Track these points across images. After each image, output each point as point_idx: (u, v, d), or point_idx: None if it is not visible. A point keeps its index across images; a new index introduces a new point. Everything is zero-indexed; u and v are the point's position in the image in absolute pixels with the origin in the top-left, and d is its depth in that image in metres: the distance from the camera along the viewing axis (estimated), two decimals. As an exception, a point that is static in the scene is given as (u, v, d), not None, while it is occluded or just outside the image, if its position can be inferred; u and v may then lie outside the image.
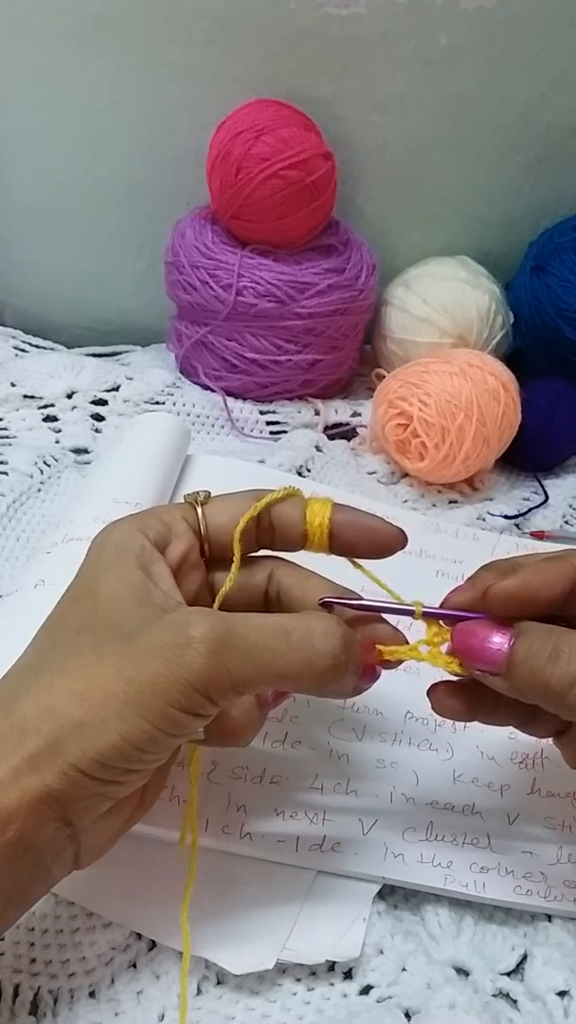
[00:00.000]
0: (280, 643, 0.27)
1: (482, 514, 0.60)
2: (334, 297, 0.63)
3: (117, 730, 0.26)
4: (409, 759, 0.40)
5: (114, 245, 0.73)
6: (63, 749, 0.26)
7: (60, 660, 0.28)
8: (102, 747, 0.26)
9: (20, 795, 0.26)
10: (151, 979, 0.33)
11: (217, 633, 0.26)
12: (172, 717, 0.26)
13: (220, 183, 0.60)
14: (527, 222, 0.72)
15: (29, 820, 0.26)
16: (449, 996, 0.33)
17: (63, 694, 0.27)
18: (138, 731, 0.26)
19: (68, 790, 0.26)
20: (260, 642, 0.27)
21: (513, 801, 0.39)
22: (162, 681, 0.26)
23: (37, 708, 0.27)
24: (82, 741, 0.26)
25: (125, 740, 0.26)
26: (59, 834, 0.27)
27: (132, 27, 0.61)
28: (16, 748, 0.26)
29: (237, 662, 0.26)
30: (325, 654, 0.27)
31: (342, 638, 0.28)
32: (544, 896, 0.36)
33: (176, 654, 0.26)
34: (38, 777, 0.26)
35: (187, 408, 0.66)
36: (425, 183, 0.71)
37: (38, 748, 0.26)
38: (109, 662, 0.27)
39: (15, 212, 0.70)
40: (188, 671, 0.26)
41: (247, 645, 0.27)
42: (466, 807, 0.38)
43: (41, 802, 0.26)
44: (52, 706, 0.26)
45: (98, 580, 0.30)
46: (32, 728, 0.26)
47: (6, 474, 0.56)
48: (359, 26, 0.61)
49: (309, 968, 0.34)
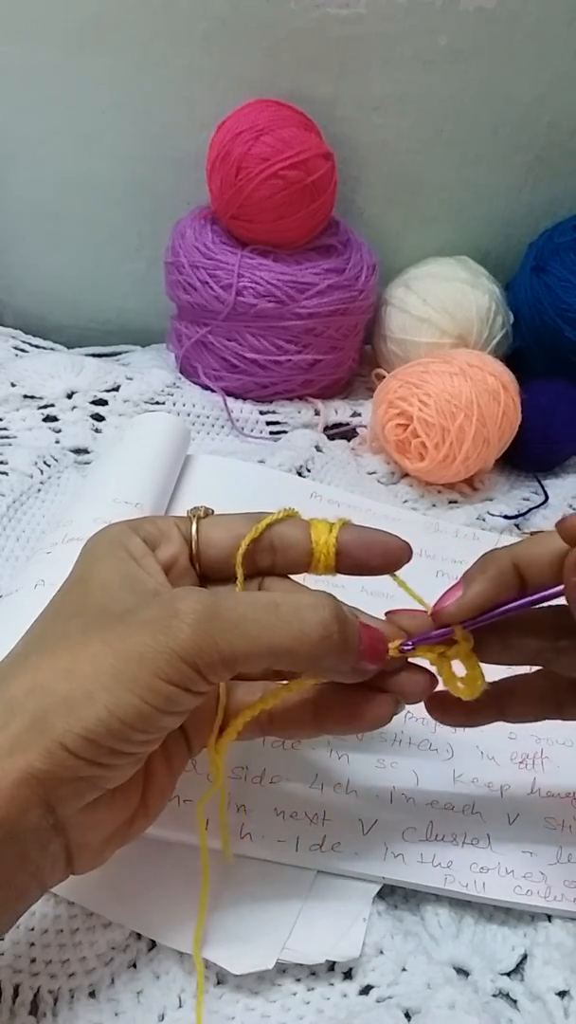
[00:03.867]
0: (269, 615, 0.27)
1: (482, 514, 0.60)
2: (334, 297, 0.63)
3: (104, 703, 0.25)
4: (409, 759, 0.40)
5: (114, 245, 0.73)
6: (48, 725, 0.25)
7: (50, 643, 0.28)
8: (88, 721, 0.25)
9: (2, 774, 0.25)
10: (151, 979, 0.33)
11: (204, 605, 0.26)
12: (160, 690, 0.25)
13: (220, 183, 0.60)
14: (527, 222, 0.72)
15: (11, 805, 0.25)
16: (449, 996, 0.33)
17: (49, 672, 0.26)
18: (126, 704, 0.25)
19: (52, 770, 0.25)
20: (248, 614, 0.26)
21: (513, 801, 0.39)
22: (149, 652, 0.25)
23: (23, 687, 0.26)
24: (68, 716, 0.25)
25: (112, 714, 0.25)
26: (42, 823, 0.26)
27: (132, 28, 0.61)
28: (1, 729, 0.25)
29: (225, 634, 0.26)
30: (315, 624, 0.27)
31: (333, 609, 0.28)
32: (544, 896, 0.36)
33: (163, 625, 0.26)
34: (21, 757, 0.25)
35: (187, 408, 0.66)
36: (425, 183, 0.71)
37: (23, 726, 0.25)
38: (96, 638, 0.26)
39: (15, 212, 0.70)
40: (175, 640, 0.25)
41: (234, 616, 0.26)
42: (466, 807, 0.38)
43: (24, 784, 0.25)
44: (38, 684, 0.26)
45: (89, 570, 0.30)
46: (18, 706, 0.26)
47: (6, 474, 0.56)
48: (359, 26, 0.61)
49: (309, 968, 0.34)
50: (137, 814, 0.30)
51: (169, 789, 0.31)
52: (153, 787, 0.30)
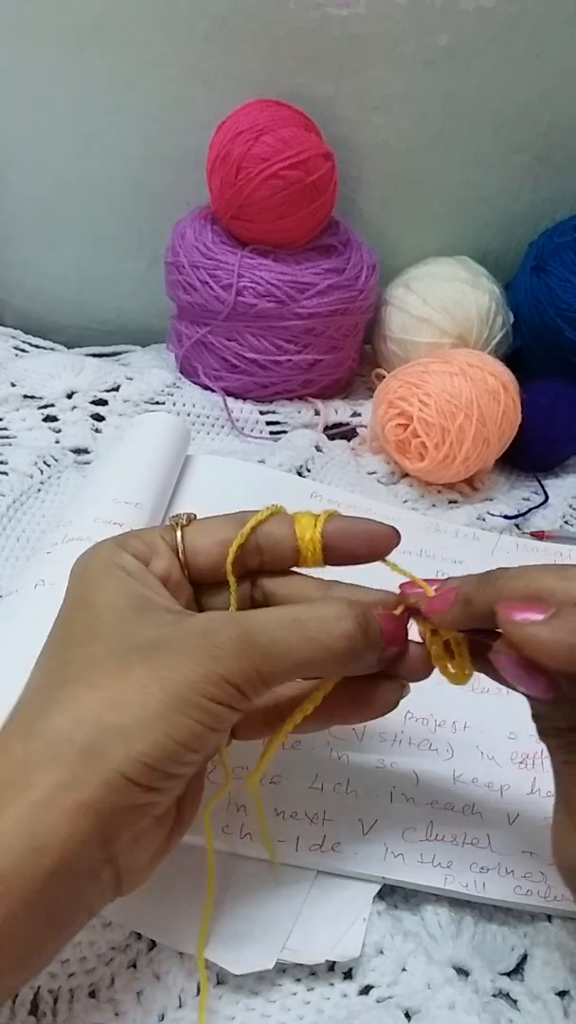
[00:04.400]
0: (296, 635, 0.28)
1: (482, 514, 0.60)
2: (334, 297, 0.63)
3: (161, 729, 0.26)
4: (409, 759, 0.40)
5: (114, 245, 0.73)
6: (105, 757, 0.25)
7: (80, 673, 0.27)
8: (147, 747, 0.25)
9: (59, 815, 0.24)
10: (151, 979, 0.33)
11: (239, 635, 0.27)
12: (211, 709, 0.26)
13: (220, 183, 0.60)
14: (527, 222, 0.72)
15: (70, 840, 0.24)
16: (449, 996, 0.33)
17: (95, 703, 0.26)
18: (181, 727, 0.26)
19: (112, 800, 0.25)
20: (279, 637, 0.27)
21: (513, 801, 0.39)
22: (199, 678, 0.26)
23: (67, 721, 0.26)
24: (126, 745, 0.25)
25: (169, 737, 0.26)
26: (97, 855, 0.26)
27: (132, 27, 0.61)
28: (50, 766, 0.25)
29: (262, 660, 0.27)
30: (339, 637, 0.28)
31: (355, 619, 0.28)
32: (544, 896, 0.36)
33: (208, 655, 0.27)
34: (77, 792, 0.25)
35: (187, 408, 0.66)
36: (425, 183, 0.71)
37: (76, 760, 0.25)
38: (137, 668, 0.26)
39: (15, 212, 0.70)
40: (222, 667, 0.26)
41: (267, 642, 0.27)
42: (466, 807, 0.38)
43: (82, 818, 0.25)
44: (85, 717, 0.26)
45: (91, 594, 0.29)
46: (65, 740, 0.25)
47: (6, 474, 0.56)
48: (359, 26, 0.61)
49: (309, 968, 0.34)
50: (174, 825, 0.30)
51: (200, 794, 0.32)
52: (187, 796, 0.30)
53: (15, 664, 0.37)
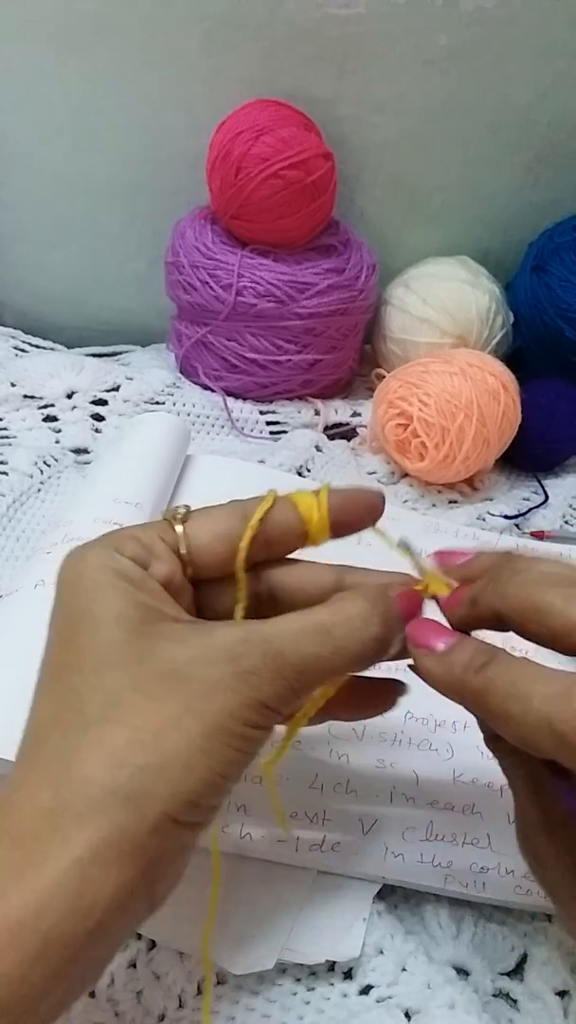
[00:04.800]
0: (326, 647, 0.27)
1: (482, 514, 0.60)
2: (334, 297, 0.63)
3: (205, 764, 0.25)
4: (409, 759, 0.40)
5: (114, 245, 0.73)
6: (150, 802, 0.23)
7: (102, 710, 0.25)
8: (193, 785, 0.24)
9: (106, 870, 0.23)
10: (151, 979, 0.33)
11: (272, 657, 0.26)
12: (251, 736, 0.26)
13: (220, 183, 0.60)
14: (527, 222, 0.72)
15: (117, 895, 0.23)
16: (449, 996, 0.33)
17: (129, 746, 0.24)
18: (223, 758, 0.25)
19: (159, 845, 0.24)
20: (309, 652, 0.27)
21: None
22: (237, 708, 0.25)
23: (102, 768, 0.24)
24: (169, 787, 0.24)
25: (214, 771, 0.25)
26: (142, 902, 0.24)
27: (132, 27, 0.61)
28: (90, 818, 0.23)
29: (296, 678, 0.26)
30: (367, 641, 0.27)
31: (381, 617, 0.28)
32: (544, 896, 0.36)
33: (242, 682, 0.26)
34: (125, 841, 0.23)
35: (187, 408, 0.66)
36: (425, 183, 0.71)
37: (119, 811, 0.23)
38: (168, 700, 0.25)
39: (15, 212, 0.70)
40: (260, 693, 0.26)
41: (299, 660, 0.26)
42: (466, 807, 0.38)
43: (130, 868, 0.23)
44: (120, 762, 0.24)
45: (90, 608, 0.27)
46: (102, 791, 0.23)
47: (6, 474, 0.56)
48: (359, 26, 0.61)
49: (309, 968, 0.34)
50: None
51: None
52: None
53: (15, 664, 0.37)
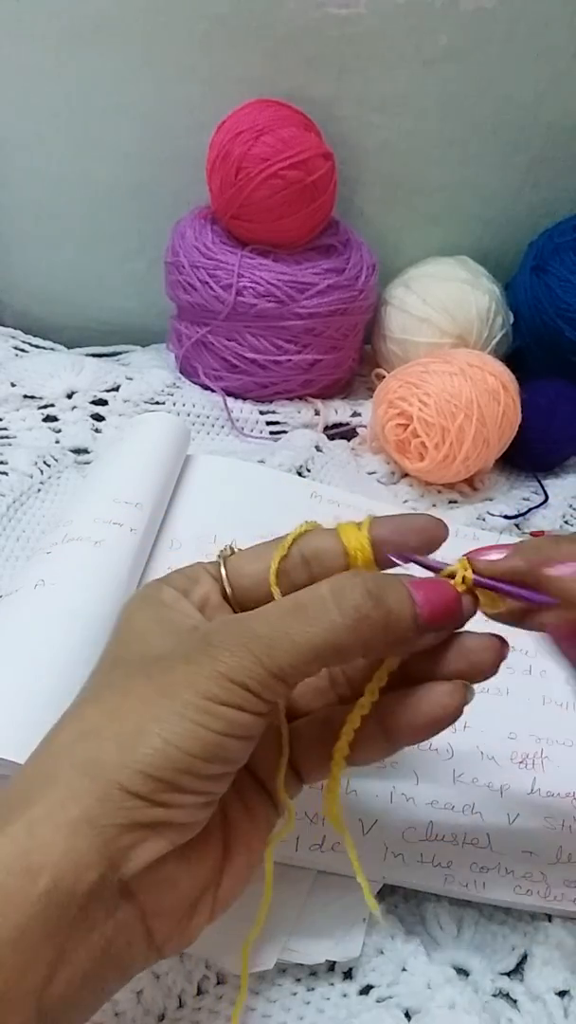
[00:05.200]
0: (298, 619, 0.25)
1: (482, 514, 0.60)
2: (334, 297, 0.63)
3: (158, 732, 0.24)
4: (409, 759, 0.40)
5: (114, 245, 0.73)
6: (100, 768, 0.24)
7: (95, 693, 0.27)
8: (144, 754, 0.24)
9: (54, 832, 0.23)
10: (151, 979, 0.33)
11: (236, 627, 0.26)
12: (215, 712, 0.24)
13: (220, 183, 0.60)
14: (527, 222, 0.72)
15: (65, 861, 0.23)
16: (449, 996, 0.33)
17: (95, 716, 0.25)
18: (182, 730, 0.24)
19: (110, 814, 0.23)
20: (280, 625, 0.25)
21: (513, 801, 0.39)
22: (196, 678, 0.25)
23: (70, 736, 0.25)
24: (121, 753, 0.24)
25: (168, 742, 0.24)
26: (106, 883, 0.23)
27: (132, 27, 0.61)
28: (51, 781, 0.24)
29: (264, 651, 0.25)
30: (346, 611, 0.25)
31: (361, 587, 0.26)
32: (544, 896, 0.36)
33: (203, 654, 0.25)
34: (75, 805, 0.23)
35: (187, 408, 0.66)
36: (425, 183, 0.71)
37: (73, 774, 0.24)
38: (139, 679, 0.26)
39: (15, 212, 0.70)
40: (220, 664, 0.25)
41: (267, 629, 0.25)
42: (466, 807, 0.38)
43: (79, 835, 0.23)
44: (85, 730, 0.25)
45: (127, 623, 0.29)
46: (65, 754, 0.25)
47: (6, 474, 0.56)
48: (359, 26, 0.61)
49: (309, 968, 0.34)
50: (224, 871, 0.28)
51: (256, 843, 0.29)
52: (235, 843, 0.28)
53: (15, 664, 0.37)
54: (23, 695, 0.35)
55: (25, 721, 0.33)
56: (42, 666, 0.36)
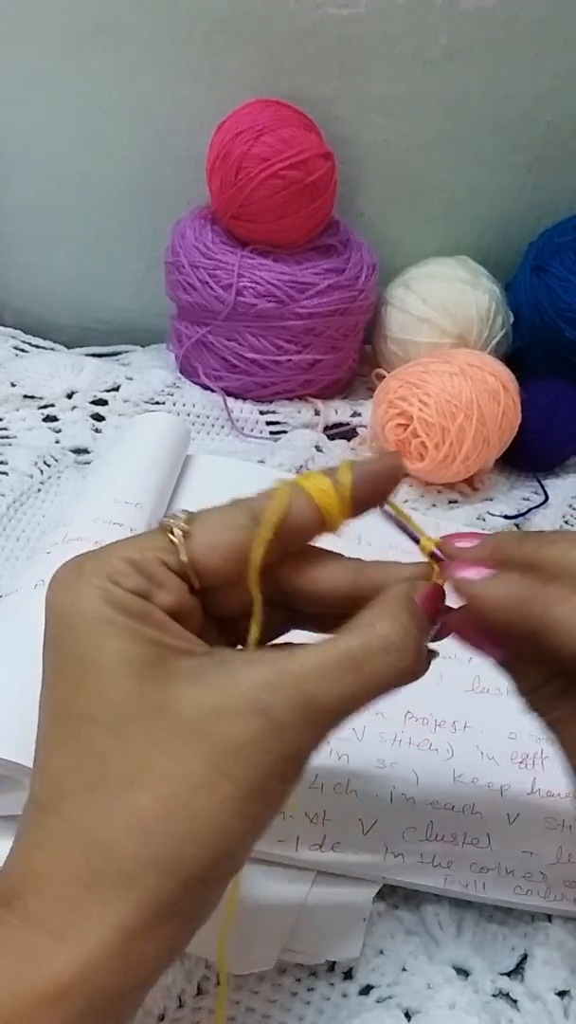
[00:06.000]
0: (356, 683, 0.25)
1: (482, 514, 0.60)
2: (334, 297, 0.63)
3: (242, 826, 0.24)
4: (409, 759, 0.40)
5: (114, 245, 0.73)
6: (184, 866, 0.23)
7: (126, 774, 0.23)
8: (229, 846, 0.23)
9: (147, 934, 0.23)
10: (151, 979, 0.33)
11: (303, 704, 0.24)
12: (286, 791, 0.25)
13: (220, 183, 0.60)
14: (527, 222, 0.72)
15: (160, 953, 0.23)
16: (449, 996, 0.33)
17: (158, 813, 0.23)
18: (261, 817, 0.24)
19: (198, 900, 0.24)
20: (341, 693, 0.24)
21: (513, 801, 0.39)
22: (270, 766, 0.24)
23: (131, 834, 0.23)
24: (205, 850, 0.23)
25: (250, 831, 0.24)
26: (182, 945, 0.24)
27: (132, 27, 0.61)
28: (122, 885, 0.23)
29: (327, 722, 0.25)
30: (403, 672, 0.25)
31: (414, 644, 0.25)
32: (544, 896, 0.36)
33: (274, 741, 0.24)
34: (162, 905, 0.23)
35: (187, 408, 0.66)
36: (425, 183, 0.71)
37: (150, 877, 0.23)
38: (194, 763, 0.23)
39: (15, 212, 0.70)
40: (291, 747, 0.24)
41: (333, 703, 0.24)
42: (466, 807, 0.38)
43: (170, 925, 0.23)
44: (150, 828, 0.23)
45: (92, 652, 0.24)
46: (132, 857, 0.23)
47: (6, 474, 0.56)
48: (359, 26, 0.61)
49: (309, 968, 0.34)
50: None
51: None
52: None
53: (15, 664, 0.37)
54: (23, 695, 0.35)
55: (25, 721, 0.33)
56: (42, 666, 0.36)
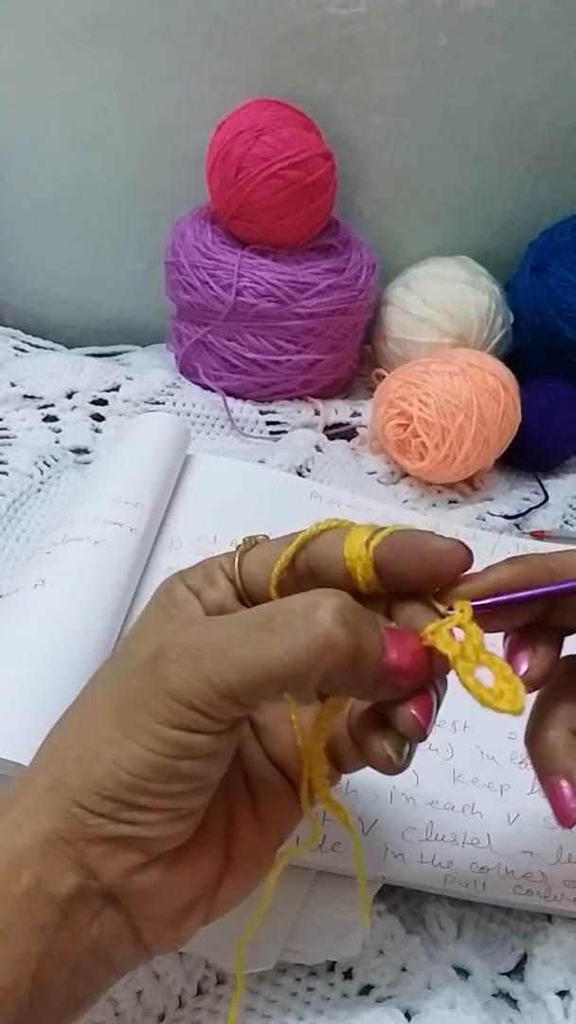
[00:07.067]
0: (259, 633, 0.23)
1: (482, 514, 0.60)
2: (334, 297, 0.63)
3: (109, 756, 0.24)
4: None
5: (114, 245, 0.73)
6: (64, 785, 0.24)
7: (84, 694, 0.27)
8: (98, 776, 0.24)
9: (31, 836, 0.24)
10: (151, 979, 0.33)
11: (192, 636, 0.23)
12: (163, 735, 0.23)
13: (220, 183, 0.60)
14: (527, 222, 0.72)
15: (44, 865, 0.24)
16: (449, 996, 0.33)
17: (68, 730, 0.26)
18: (130, 755, 0.23)
19: (74, 829, 0.24)
20: (237, 636, 0.23)
21: (513, 801, 0.39)
22: (142, 697, 0.23)
23: (49, 746, 0.26)
24: (81, 774, 0.24)
25: (118, 766, 0.23)
26: (86, 889, 0.24)
27: (132, 27, 0.61)
28: (28, 788, 0.25)
29: (214, 664, 0.22)
30: (315, 634, 0.22)
31: (334, 611, 0.22)
32: (544, 896, 0.36)
33: (153, 666, 0.24)
34: (45, 817, 0.24)
35: (187, 408, 0.66)
36: (425, 183, 0.71)
37: (45, 787, 0.25)
38: (102, 690, 0.26)
39: (15, 212, 0.70)
40: (164, 681, 0.23)
41: (223, 642, 0.23)
42: (466, 807, 0.38)
43: (51, 844, 0.24)
44: (58, 742, 0.26)
45: (142, 618, 0.29)
46: (42, 767, 0.26)
47: (6, 474, 0.56)
48: (359, 26, 0.61)
49: (309, 968, 0.34)
50: (225, 883, 0.27)
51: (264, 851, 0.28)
52: (239, 851, 0.27)
53: (15, 664, 0.37)
54: (23, 695, 0.35)
55: (25, 721, 0.33)
56: (42, 666, 0.36)
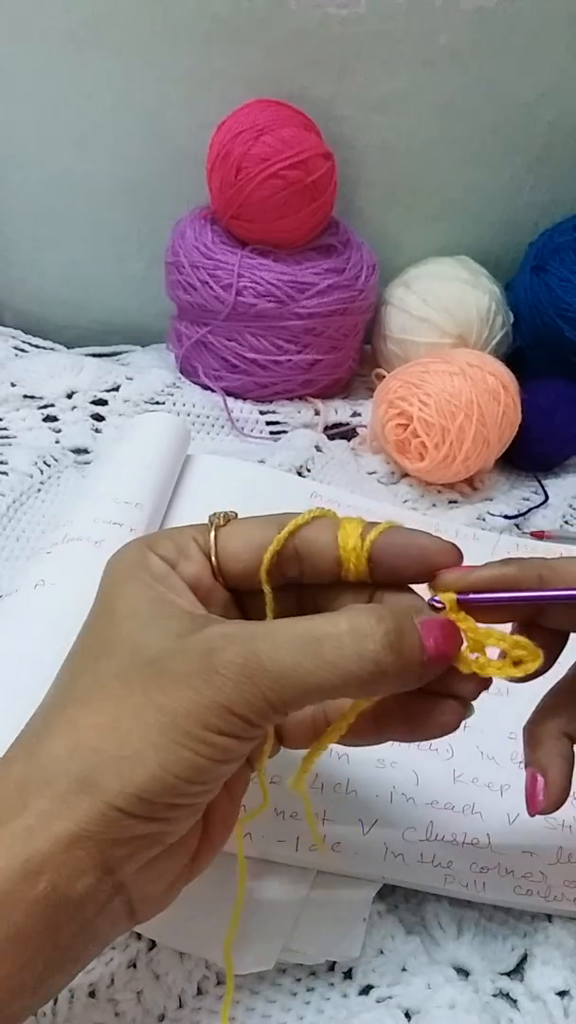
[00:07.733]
0: (311, 659, 0.24)
1: (482, 514, 0.60)
2: (334, 297, 0.63)
3: (156, 761, 0.24)
4: (409, 759, 0.40)
5: (114, 245, 0.73)
6: (98, 787, 0.24)
7: (83, 692, 0.26)
8: (141, 780, 0.24)
9: (52, 841, 0.23)
10: (151, 979, 0.33)
11: (244, 657, 0.24)
12: (213, 741, 0.24)
13: (220, 183, 0.60)
14: (527, 222, 0.72)
15: (63, 869, 0.23)
16: (449, 996, 0.33)
17: (91, 729, 0.25)
18: (179, 759, 0.24)
19: (106, 831, 0.24)
20: (289, 661, 0.24)
21: (513, 801, 0.39)
22: (195, 707, 0.24)
23: (64, 747, 0.25)
24: (119, 777, 0.24)
25: (166, 770, 0.24)
26: (101, 885, 0.24)
27: (132, 27, 0.61)
28: (43, 790, 0.24)
29: (269, 684, 0.24)
30: (365, 662, 0.24)
31: (384, 639, 0.24)
32: (544, 896, 0.36)
33: (206, 680, 0.24)
34: (70, 820, 0.23)
35: (187, 408, 0.66)
36: (425, 183, 0.71)
37: (69, 789, 0.24)
38: (136, 690, 0.25)
39: (15, 212, 0.70)
40: (221, 695, 0.24)
41: (277, 668, 0.24)
42: (466, 807, 0.38)
43: (76, 847, 0.24)
44: (80, 743, 0.24)
45: (113, 597, 0.27)
46: (60, 769, 0.24)
47: (6, 474, 0.56)
48: (359, 26, 0.61)
49: (309, 968, 0.34)
50: (201, 849, 0.28)
51: (232, 815, 0.30)
52: (214, 818, 0.29)
53: (15, 664, 0.37)
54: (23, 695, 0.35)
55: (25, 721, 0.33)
56: (42, 666, 0.36)
